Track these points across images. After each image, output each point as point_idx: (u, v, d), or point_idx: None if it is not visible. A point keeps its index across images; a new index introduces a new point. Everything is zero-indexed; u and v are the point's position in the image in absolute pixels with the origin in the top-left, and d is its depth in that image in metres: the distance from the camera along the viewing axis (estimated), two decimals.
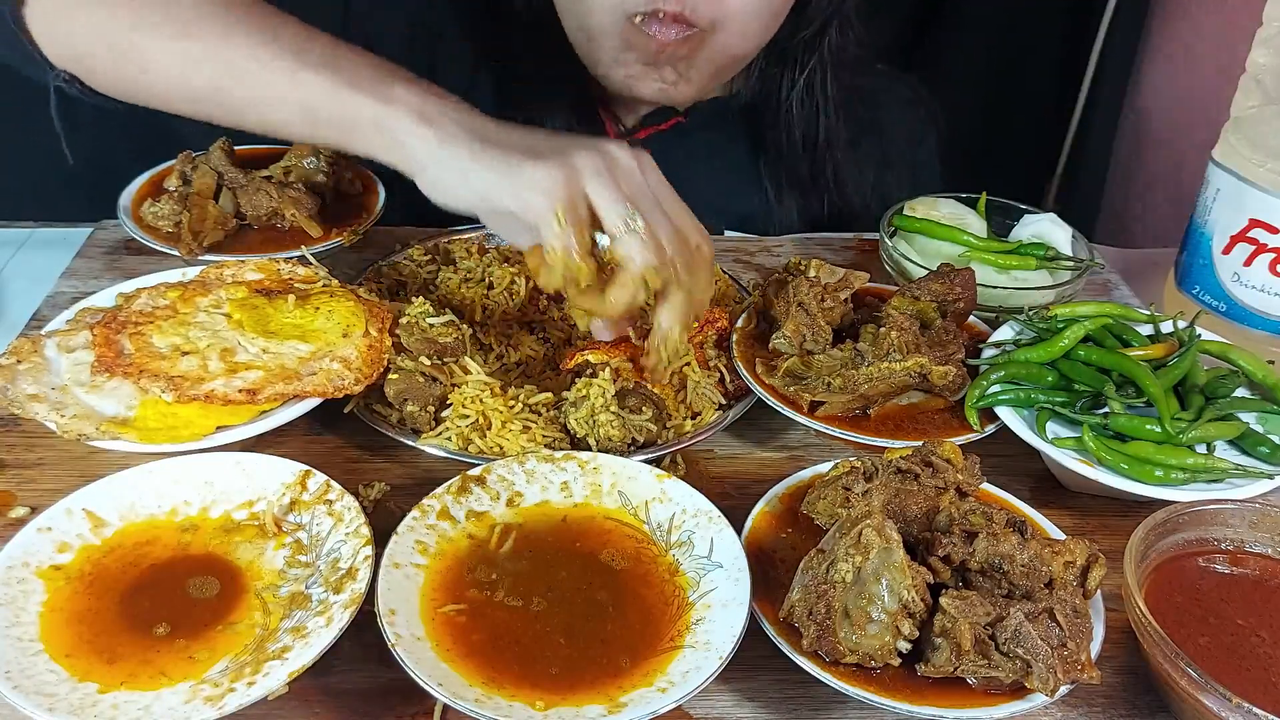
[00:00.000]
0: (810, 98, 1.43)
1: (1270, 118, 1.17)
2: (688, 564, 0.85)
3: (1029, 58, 2.14)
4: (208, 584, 0.83)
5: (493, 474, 0.92)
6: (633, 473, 0.92)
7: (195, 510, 0.89)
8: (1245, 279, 1.17)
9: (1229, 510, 0.87)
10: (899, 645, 0.75)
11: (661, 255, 0.92)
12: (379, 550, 0.82)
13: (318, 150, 1.29)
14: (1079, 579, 0.80)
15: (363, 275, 1.22)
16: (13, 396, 0.94)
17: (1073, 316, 1.07)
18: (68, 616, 0.79)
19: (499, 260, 1.21)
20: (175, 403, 0.94)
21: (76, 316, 1.06)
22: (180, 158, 1.29)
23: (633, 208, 0.91)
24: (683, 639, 0.78)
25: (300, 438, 1.03)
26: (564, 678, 0.76)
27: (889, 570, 0.75)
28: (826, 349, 1.05)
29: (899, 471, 0.86)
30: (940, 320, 1.08)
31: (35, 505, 0.91)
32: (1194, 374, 1.02)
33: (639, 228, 0.91)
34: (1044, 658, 0.72)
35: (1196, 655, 0.77)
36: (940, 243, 1.27)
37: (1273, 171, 1.13)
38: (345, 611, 0.77)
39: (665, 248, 0.92)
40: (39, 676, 0.74)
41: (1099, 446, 0.93)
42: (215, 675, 0.75)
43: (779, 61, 1.42)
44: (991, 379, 1.01)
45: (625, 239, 0.91)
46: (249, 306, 1.04)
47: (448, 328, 1.05)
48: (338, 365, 0.99)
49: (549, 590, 0.83)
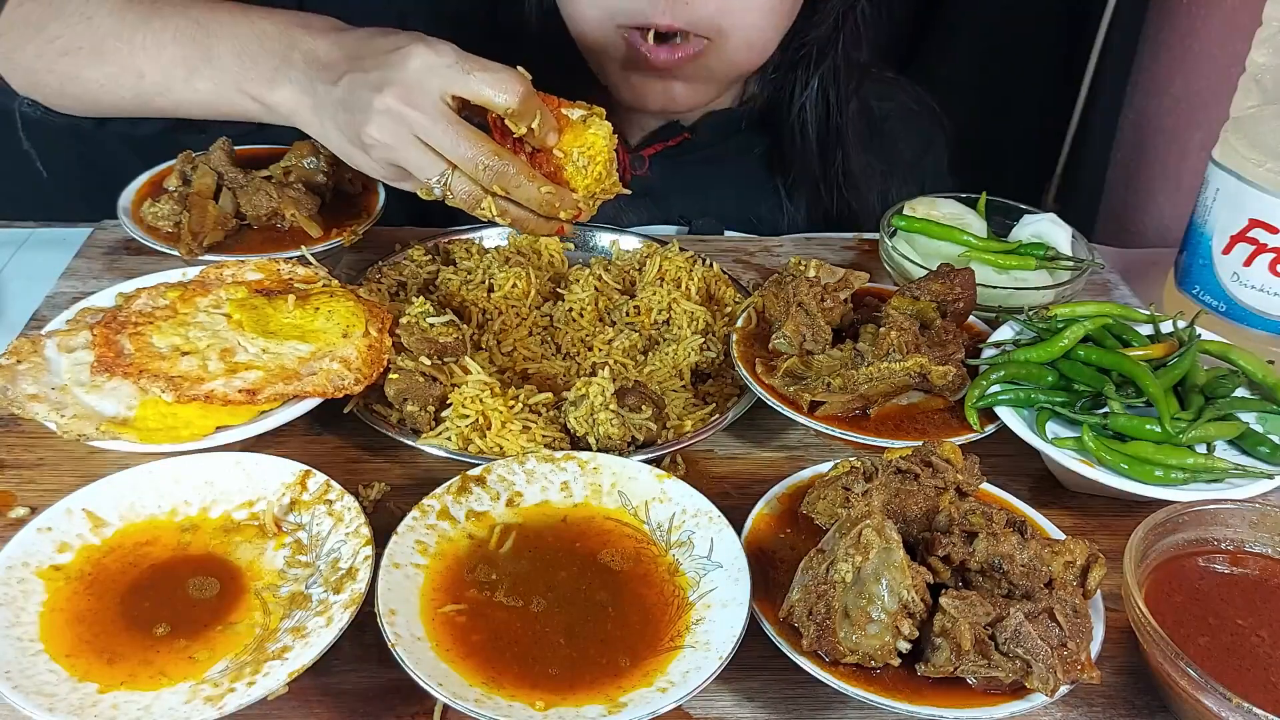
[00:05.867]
0: (823, 102, 1.43)
1: (1270, 118, 1.17)
2: (688, 564, 0.85)
3: (1029, 58, 2.13)
4: (208, 584, 0.83)
5: (493, 474, 0.92)
6: (633, 473, 0.92)
7: (195, 510, 0.89)
8: (1245, 279, 1.17)
9: (1229, 510, 0.87)
10: (899, 645, 0.75)
11: (476, 175, 1.03)
12: (379, 550, 0.82)
13: (318, 150, 1.29)
14: (1079, 579, 0.80)
15: (363, 275, 1.22)
16: (13, 396, 0.94)
17: (1073, 316, 1.07)
18: (68, 616, 0.79)
19: (499, 261, 1.22)
20: (175, 403, 0.94)
21: (76, 316, 1.06)
22: (180, 158, 1.29)
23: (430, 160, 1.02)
24: (683, 639, 0.78)
25: (300, 438, 1.03)
26: (564, 678, 0.76)
27: (889, 570, 0.75)
28: (826, 349, 1.05)
29: (899, 471, 0.86)
30: (940, 320, 1.08)
31: (35, 505, 0.91)
32: (1194, 374, 1.02)
33: (441, 179, 1.03)
34: (1044, 658, 0.72)
35: (1196, 655, 0.77)
36: (940, 243, 1.27)
37: (1273, 171, 1.13)
38: (345, 611, 0.77)
39: (473, 165, 1.02)
40: (39, 676, 0.74)
41: (1099, 446, 0.93)
42: (215, 675, 0.75)
43: (791, 66, 1.42)
44: (991, 379, 1.01)
45: (448, 188, 1.04)
46: (249, 306, 1.04)
47: (448, 328, 1.05)
48: (338, 365, 0.99)
49: (549, 590, 0.83)
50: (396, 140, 1.02)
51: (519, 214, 1.07)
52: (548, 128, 1.05)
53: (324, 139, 1.10)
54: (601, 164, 1.08)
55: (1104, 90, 2.05)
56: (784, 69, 1.43)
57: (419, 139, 1.01)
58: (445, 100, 1.00)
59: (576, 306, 1.18)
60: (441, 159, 1.02)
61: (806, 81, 1.42)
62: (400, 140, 1.02)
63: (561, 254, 1.29)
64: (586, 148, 1.06)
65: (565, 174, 1.07)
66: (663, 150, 1.46)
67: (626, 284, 1.25)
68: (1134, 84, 1.91)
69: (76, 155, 1.49)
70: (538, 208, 1.06)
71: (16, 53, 1.20)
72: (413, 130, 1.01)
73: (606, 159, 1.08)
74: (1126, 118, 1.94)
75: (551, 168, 1.07)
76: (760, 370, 1.05)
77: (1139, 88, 1.90)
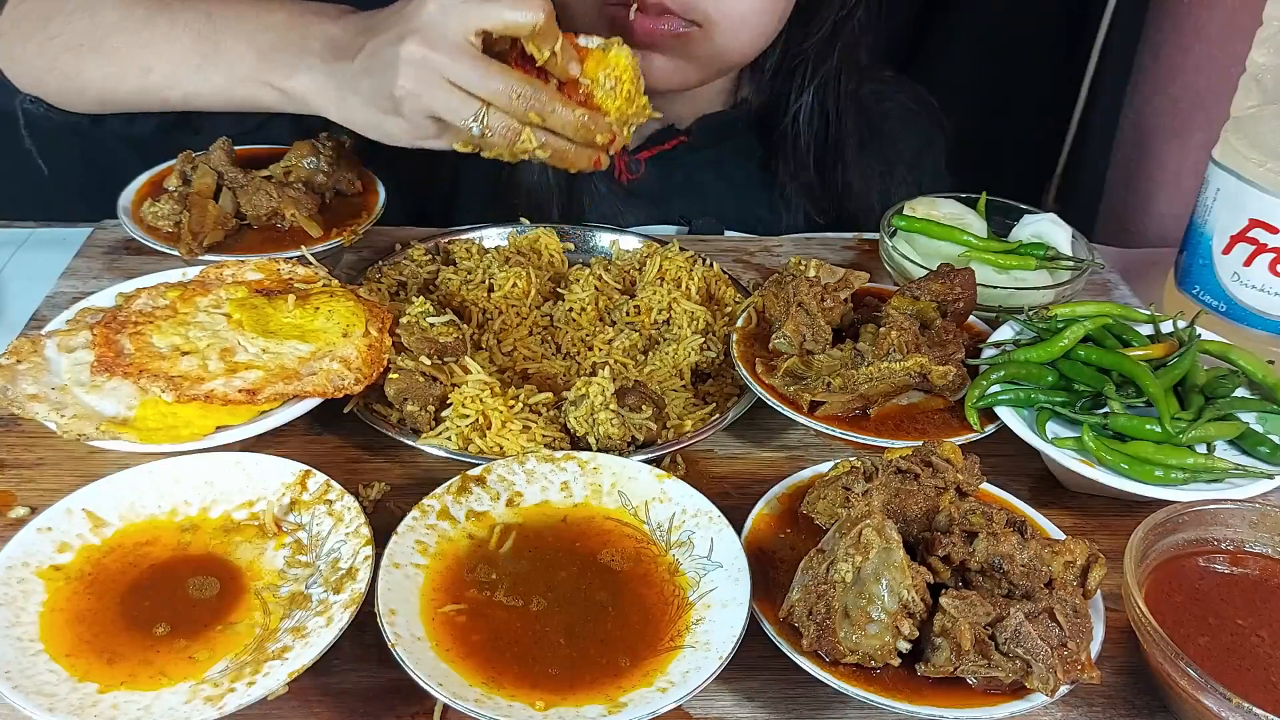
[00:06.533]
0: (821, 106, 1.43)
1: (1270, 118, 1.17)
2: (688, 564, 0.85)
3: (1029, 58, 2.13)
4: (208, 584, 0.83)
5: (493, 474, 0.92)
6: (633, 473, 0.92)
7: (195, 510, 0.89)
8: (1245, 279, 1.17)
9: (1229, 510, 0.87)
10: (899, 645, 0.75)
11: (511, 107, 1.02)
12: (379, 550, 0.82)
13: (318, 150, 1.29)
14: (1079, 579, 0.80)
15: (363, 275, 1.22)
16: (13, 396, 0.94)
17: (1073, 316, 1.07)
18: (68, 616, 0.79)
19: (499, 261, 1.22)
20: (175, 403, 0.94)
21: (76, 316, 1.06)
22: (180, 158, 1.29)
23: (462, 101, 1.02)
24: (683, 639, 0.78)
25: (300, 438, 1.03)
26: (564, 678, 0.76)
27: (889, 570, 0.75)
28: (826, 349, 1.05)
29: (899, 471, 0.86)
30: (940, 320, 1.08)
31: (35, 505, 0.91)
32: (1194, 374, 1.02)
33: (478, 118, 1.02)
34: (1044, 658, 0.72)
35: (1196, 655, 0.77)
36: (940, 243, 1.27)
37: (1273, 171, 1.13)
38: (345, 611, 0.77)
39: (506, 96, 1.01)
40: (39, 676, 0.74)
41: (1099, 446, 0.93)
42: (215, 675, 0.75)
43: (788, 74, 1.42)
44: (991, 379, 1.01)
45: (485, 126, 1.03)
46: (249, 306, 1.04)
47: (448, 328, 1.05)
48: (338, 365, 0.99)
49: (549, 590, 0.83)
50: (427, 87, 1.01)
51: (558, 144, 1.07)
52: (569, 56, 1.06)
53: (348, 119, 1.10)
54: (629, 82, 1.09)
55: (1104, 90, 2.05)
56: (780, 76, 1.43)
57: (449, 81, 1.01)
58: (469, 39, 1.00)
59: (576, 306, 1.18)
60: (474, 98, 1.02)
61: (801, 89, 1.41)
62: (431, 85, 1.01)
63: (561, 254, 1.29)
64: (611, 69, 1.08)
65: (595, 99, 1.09)
66: (659, 153, 1.46)
67: (626, 284, 1.25)
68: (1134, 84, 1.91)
69: (77, 155, 1.49)
70: (574, 134, 1.06)
71: (18, 50, 1.21)
72: (442, 73, 1.00)
73: (633, 78, 1.10)
74: (1126, 118, 1.94)
75: (581, 96, 1.08)
76: (760, 370, 1.05)
77: (1139, 88, 1.90)
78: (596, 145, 1.09)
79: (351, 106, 1.09)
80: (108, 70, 1.17)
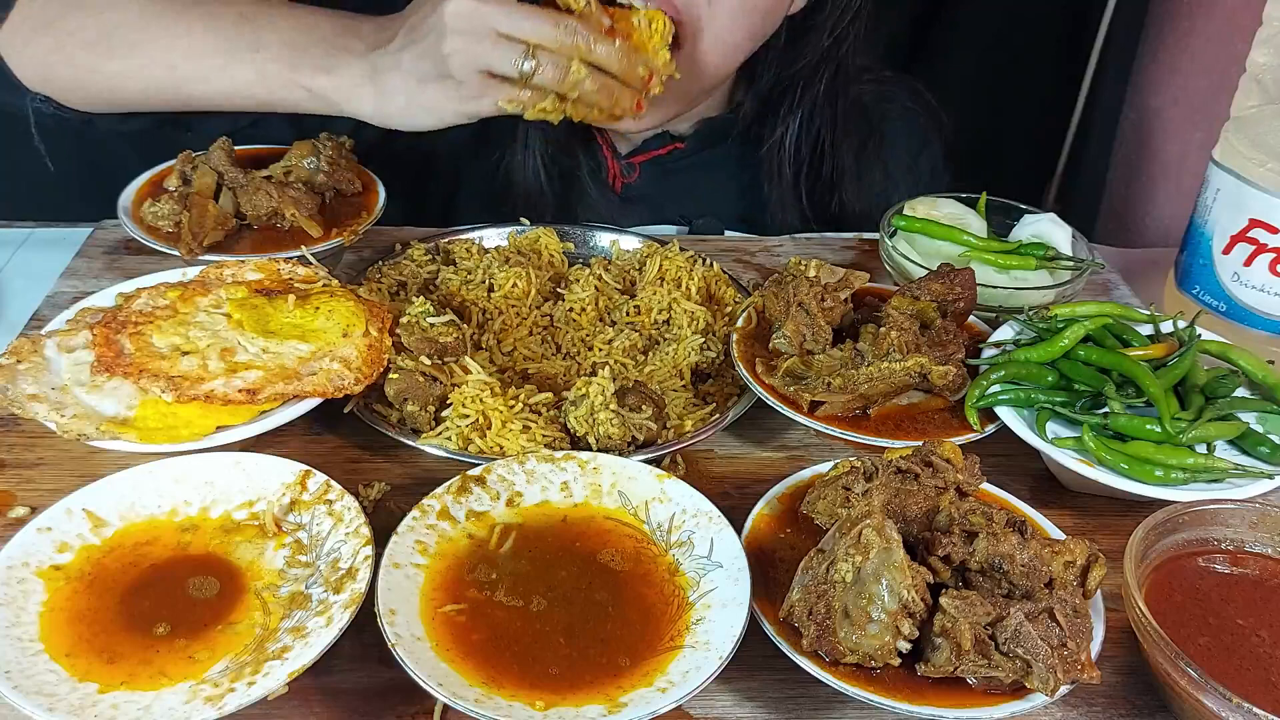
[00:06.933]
0: (816, 112, 1.42)
1: (1270, 118, 1.17)
2: (688, 564, 0.85)
3: (1029, 58, 2.13)
4: (208, 584, 0.83)
5: (493, 474, 0.92)
6: (633, 473, 0.92)
7: (195, 510, 0.89)
8: (1245, 279, 1.17)
9: (1229, 510, 0.87)
10: (899, 645, 0.75)
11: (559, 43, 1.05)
12: (379, 550, 0.82)
13: (318, 150, 1.29)
14: (1079, 579, 0.80)
15: (363, 275, 1.22)
16: (13, 396, 0.94)
17: (1073, 316, 1.07)
18: (68, 616, 0.79)
19: (499, 261, 1.21)
20: (175, 403, 0.94)
21: (76, 316, 1.06)
22: (180, 158, 1.29)
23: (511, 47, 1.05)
24: (682, 639, 0.79)
25: (300, 438, 1.03)
26: (564, 678, 0.76)
27: (889, 570, 0.75)
28: (826, 349, 1.05)
29: (899, 471, 0.86)
30: (940, 320, 1.08)
31: (35, 505, 0.91)
32: (1194, 374, 1.02)
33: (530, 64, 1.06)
34: (1044, 658, 0.72)
35: (1196, 655, 0.77)
36: (940, 243, 1.27)
37: (1273, 171, 1.13)
38: (345, 611, 0.77)
39: (556, 37, 1.05)
40: (39, 676, 0.74)
41: (1099, 446, 0.93)
42: (215, 675, 0.75)
43: (780, 92, 1.41)
44: (991, 379, 1.01)
45: (539, 68, 1.06)
46: (249, 306, 1.04)
47: (448, 328, 1.05)
48: (338, 365, 0.99)
49: (549, 590, 0.83)
50: (476, 41, 1.05)
51: (606, 82, 1.11)
52: (599, 9, 1.10)
53: (381, 108, 1.13)
54: (661, 19, 1.15)
55: (1104, 90, 2.05)
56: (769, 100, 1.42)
57: (497, 32, 1.04)
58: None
59: (576, 306, 1.18)
60: (521, 44, 1.05)
61: (790, 112, 1.41)
62: (480, 38, 1.05)
63: (561, 254, 1.29)
64: (643, 16, 1.14)
65: (634, 39, 1.14)
66: (653, 158, 1.45)
67: (626, 284, 1.25)
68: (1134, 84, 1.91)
69: (77, 155, 1.49)
70: (620, 69, 1.10)
71: (30, 46, 1.20)
72: (489, 24, 1.04)
73: (664, 21, 1.15)
74: (1126, 118, 1.94)
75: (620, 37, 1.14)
76: (760, 370, 1.05)
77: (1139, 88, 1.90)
78: (638, 81, 1.13)
79: (389, 90, 1.11)
80: (130, 65, 1.17)
